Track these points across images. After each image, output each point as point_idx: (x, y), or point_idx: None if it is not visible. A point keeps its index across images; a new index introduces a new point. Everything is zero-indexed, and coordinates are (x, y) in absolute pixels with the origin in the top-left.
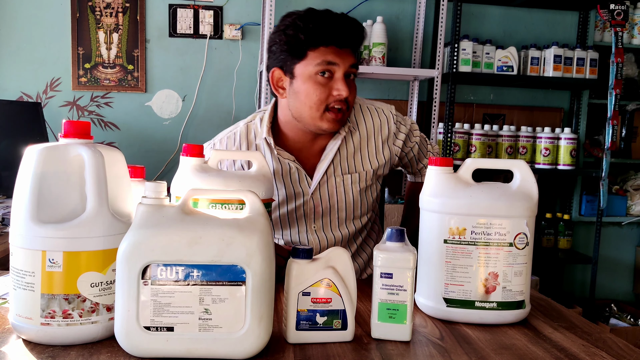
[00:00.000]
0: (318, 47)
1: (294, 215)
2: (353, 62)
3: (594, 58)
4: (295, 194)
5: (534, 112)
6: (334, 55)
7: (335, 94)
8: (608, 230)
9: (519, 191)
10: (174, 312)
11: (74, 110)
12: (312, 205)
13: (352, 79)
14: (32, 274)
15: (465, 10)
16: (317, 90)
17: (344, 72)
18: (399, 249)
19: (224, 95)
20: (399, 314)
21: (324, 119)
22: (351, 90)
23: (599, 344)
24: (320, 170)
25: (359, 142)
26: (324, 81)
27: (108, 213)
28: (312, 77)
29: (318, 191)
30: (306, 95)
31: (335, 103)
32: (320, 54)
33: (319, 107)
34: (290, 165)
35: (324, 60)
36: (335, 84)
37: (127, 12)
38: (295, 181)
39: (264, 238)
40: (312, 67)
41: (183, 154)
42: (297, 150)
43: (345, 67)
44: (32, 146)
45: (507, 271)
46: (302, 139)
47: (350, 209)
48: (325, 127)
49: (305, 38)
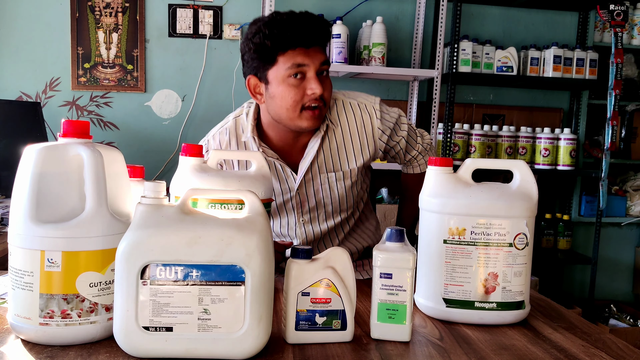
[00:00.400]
0: (286, 51)
1: (283, 208)
2: (323, 60)
3: (593, 58)
4: (282, 189)
5: (533, 112)
6: (303, 57)
7: (309, 92)
8: (607, 230)
9: (518, 191)
10: (173, 312)
11: (73, 110)
12: (299, 200)
13: (325, 76)
14: (31, 274)
15: (465, 10)
16: (291, 92)
17: (315, 71)
18: (399, 249)
19: (224, 95)
20: (399, 314)
21: (302, 118)
22: (325, 87)
23: (598, 345)
24: (303, 169)
25: (342, 139)
26: (296, 82)
27: (107, 213)
28: (284, 80)
29: (304, 187)
30: (281, 98)
31: (310, 102)
32: (289, 58)
33: (295, 108)
34: (275, 163)
35: (293, 64)
36: (308, 83)
37: (127, 11)
38: (282, 178)
39: (263, 238)
40: (283, 71)
41: (182, 154)
42: (281, 148)
43: (315, 66)
44: (31, 146)
45: (507, 271)
46: (284, 137)
47: (336, 204)
48: (305, 125)
49: (272, 44)
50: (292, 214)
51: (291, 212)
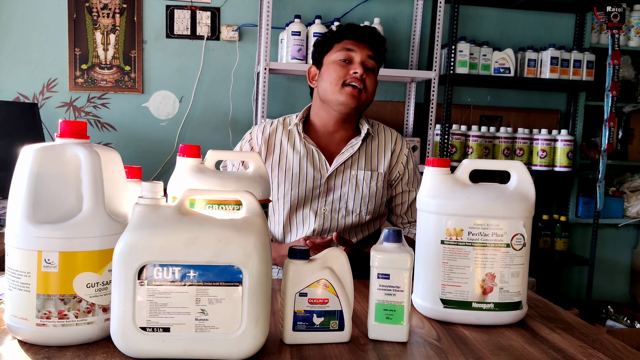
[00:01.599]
0: (341, 41)
1: (310, 194)
2: (371, 54)
3: (590, 60)
4: (314, 176)
5: (530, 113)
6: (353, 45)
7: (352, 72)
8: (604, 232)
9: (516, 192)
10: (170, 312)
11: (70, 111)
12: (325, 189)
13: (372, 71)
14: (28, 275)
15: (462, 12)
16: (337, 70)
17: (361, 59)
18: (396, 250)
19: (221, 97)
20: (396, 315)
21: (342, 92)
22: (368, 77)
23: (596, 345)
24: (339, 161)
25: (377, 147)
26: (343, 64)
27: (104, 213)
28: (335, 62)
29: (333, 177)
30: (329, 75)
31: (351, 80)
32: (342, 45)
33: (337, 82)
34: (313, 150)
35: (343, 48)
36: (353, 65)
37: (124, 13)
38: (316, 164)
39: (260, 239)
40: (335, 55)
41: (180, 155)
42: (321, 139)
43: (362, 55)
44: (28, 146)
45: (504, 272)
46: (327, 126)
47: (358, 203)
48: (343, 99)
49: (332, 35)
50: (316, 201)
51: (316, 198)
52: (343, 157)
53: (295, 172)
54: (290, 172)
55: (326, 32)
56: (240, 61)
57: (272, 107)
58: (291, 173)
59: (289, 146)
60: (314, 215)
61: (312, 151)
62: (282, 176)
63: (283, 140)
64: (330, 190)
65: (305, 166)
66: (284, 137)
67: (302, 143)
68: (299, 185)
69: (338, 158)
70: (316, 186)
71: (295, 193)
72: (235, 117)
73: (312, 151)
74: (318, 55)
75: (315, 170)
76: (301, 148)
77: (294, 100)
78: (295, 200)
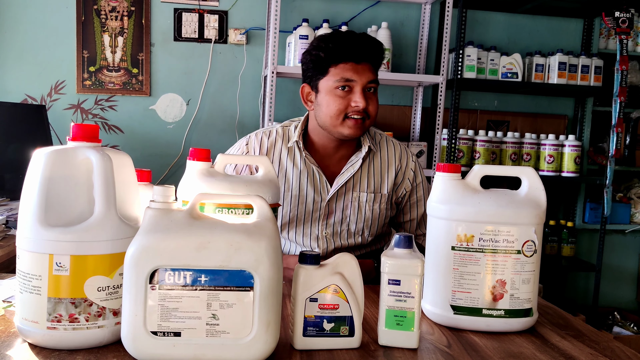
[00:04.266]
0: (338, 64)
1: (310, 216)
2: (372, 79)
3: (598, 65)
4: (314, 198)
5: (537, 118)
6: (352, 72)
7: (353, 105)
8: (611, 238)
9: (527, 198)
10: (181, 317)
11: (78, 113)
12: (326, 212)
13: (372, 92)
14: (39, 278)
15: (470, 16)
16: (336, 101)
17: (362, 87)
18: (407, 256)
19: (228, 100)
20: (407, 321)
21: (344, 125)
22: (370, 102)
23: (607, 353)
24: (340, 182)
25: (379, 165)
26: (343, 94)
27: (116, 217)
28: (332, 91)
29: (334, 200)
30: (327, 106)
31: (353, 113)
32: (339, 71)
33: (338, 116)
34: (314, 170)
35: (342, 77)
36: (354, 96)
37: (132, 15)
38: (317, 186)
39: (272, 243)
40: (332, 82)
41: (190, 158)
42: (322, 157)
43: (362, 82)
44: (40, 149)
45: (515, 279)
46: (327, 146)
47: (360, 225)
48: (347, 132)
49: (326, 56)
50: (316, 224)
51: (316, 221)
52: (344, 178)
53: (295, 194)
54: (290, 192)
55: (319, 49)
56: (248, 64)
57: (279, 110)
58: (290, 194)
59: (289, 161)
60: (316, 239)
61: (312, 170)
62: (281, 195)
63: (283, 155)
64: (332, 212)
65: (306, 187)
66: (283, 151)
67: (303, 161)
68: (299, 207)
69: (338, 179)
70: (316, 209)
71: (294, 214)
72: (242, 121)
73: (313, 171)
74: (312, 75)
75: (316, 192)
76: (302, 165)
77: (301, 104)
78: (294, 221)
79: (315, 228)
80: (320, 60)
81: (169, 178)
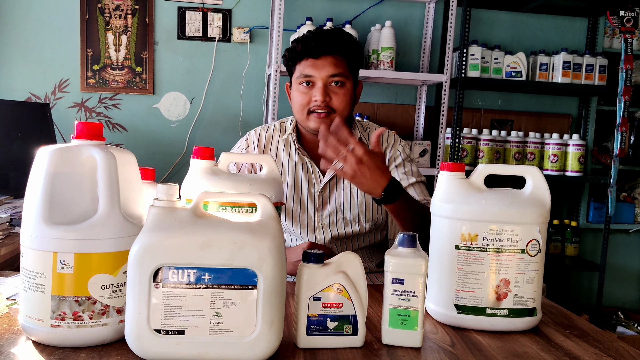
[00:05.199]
0: (300, 61)
1: (305, 208)
2: (333, 72)
3: (603, 64)
4: (308, 189)
5: (542, 118)
6: (311, 68)
7: (313, 99)
8: (615, 237)
9: (531, 197)
10: (185, 315)
11: (82, 111)
12: (320, 202)
13: (338, 85)
14: (43, 275)
15: (474, 15)
16: (299, 97)
17: (322, 82)
18: (411, 255)
19: (232, 99)
20: (410, 320)
21: (309, 119)
22: (334, 95)
23: (611, 353)
24: (331, 172)
25: None
26: (305, 90)
27: (120, 215)
28: (297, 87)
29: (327, 189)
30: (294, 102)
31: (315, 107)
32: (301, 67)
33: (302, 111)
34: (307, 162)
35: (302, 74)
36: (313, 91)
37: (136, 14)
38: (310, 177)
39: (275, 242)
40: (296, 79)
41: (193, 157)
42: (313, 149)
43: (322, 76)
44: (44, 147)
45: (519, 278)
46: (315, 139)
47: (355, 213)
48: (312, 126)
49: (290, 55)
50: (312, 215)
51: (312, 212)
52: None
53: (291, 184)
54: (286, 183)
55: (289, 50)
56: (251, 63)
57: (282, 109)
58: (286, 184)
59: (285, 154)
60: (313, 230)
61: (305, 162)
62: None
63: (279, 148)
64: (326, 203)
65: (300, 178)
66: (280, 144)
67: (297, 153)
68: (294, 197)
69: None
70: (311, 200)
71: (290, 205)
72: (246, 119)
73: (306, 162)
74: (289, 73)
75: (310, 183)
76: (296, 158)
77: None
78: (291, 212)
79: (312, 219)
80: (288, 59)
81: (172, 176)
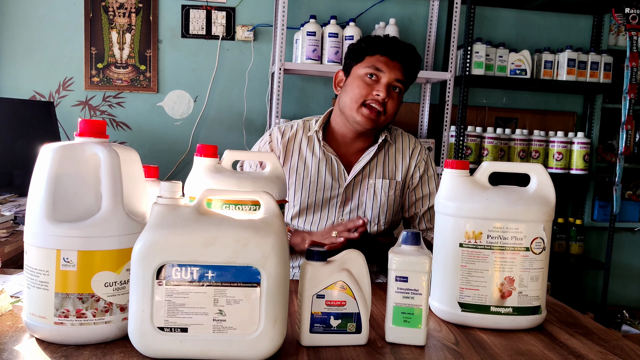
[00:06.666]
0: (374, 55)
1: (327, 203)
2: (399, 77)
3: (608, 62)
4: (332, 185)
5: (546, 116)
6: (383, 64)
7: (374, 93)
8: (620, 236)
9: (536, 195)
10: (188, 312)
11: (86, 109)
12: (343, 198)
13: (397, 92)
14: (47, 273)
15: (478, 13)
16: (361, 86)
17: (388, 81)
18: (415, 252)
19: (236, 97)
20: (414, 318)
21: (359, 112)
22: (391, 99)
23: (616, 351)
24: (357, 169)
25: (394, 154)
26: (369, 82)
27: (123, 212)
28: (361, 76)
29: (351, 187)
30: (352, 89)
31: (372, 101)
32: (373, 60)
33: (357, 100)
34: (332, 158)
35: (373, 65)
36: (378, 86)
37: (140, 12)
38: (334, 173)
39: (279, 239)
40: (363, 69)
41: (197, 154)
42: (340, 147)
43: (390, 76)
44: (47, 145)
45: (524, 276)
46: (346, 136)
47: (375, 212)
48: (359, 119)
49: (365, 46)
50: (333, 211)
51: (333, 208)
52: (360, 165)
53: (313, 180)
54: (308, 178)
55: (362, 41)
56: (255, 61)
57: (286, 107)
58: (309, 180)
59: (308, 151)
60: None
61: (331, 159)
62: (300, 182)
63: (302, 145)
64: (348, 199)
65: (324, 174)
66: (303, 141)
67: (322, 150)
68: (317, 193)
69: (355, 166)
70: (333, 195)
71: (312, 200)
72: (250, 117)
73: (331, 159)
74: (348, 62)
75: (334, 179)
76: (320, 155)
77: (308, 101)
78: (312, 207)
79: (332, 214)
80: (359, 49)
81: (176, 174)
